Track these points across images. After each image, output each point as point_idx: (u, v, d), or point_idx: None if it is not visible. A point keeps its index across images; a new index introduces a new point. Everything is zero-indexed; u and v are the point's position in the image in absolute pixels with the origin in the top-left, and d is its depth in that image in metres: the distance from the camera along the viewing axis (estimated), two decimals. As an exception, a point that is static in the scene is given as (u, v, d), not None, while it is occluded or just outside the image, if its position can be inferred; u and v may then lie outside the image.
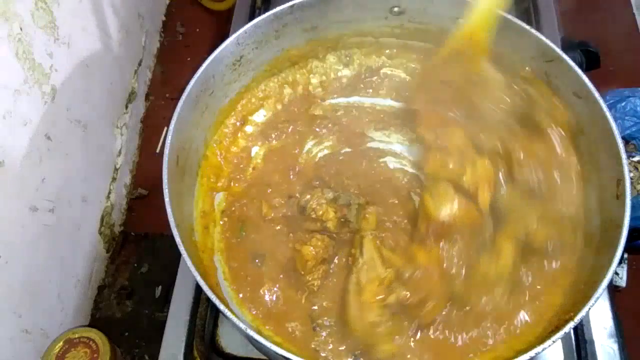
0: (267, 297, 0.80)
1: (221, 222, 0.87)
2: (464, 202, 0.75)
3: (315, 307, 0.79)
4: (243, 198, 0.89)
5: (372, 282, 0.74)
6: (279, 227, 0.86)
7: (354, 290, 0.75)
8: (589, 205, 0.81)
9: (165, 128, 1.15)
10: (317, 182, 0.87)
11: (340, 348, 0.76)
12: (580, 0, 1.26)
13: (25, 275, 0.80)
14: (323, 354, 0.75)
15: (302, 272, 0.79)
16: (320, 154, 0.94)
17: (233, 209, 0.88)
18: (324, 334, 0.77)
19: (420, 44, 0.96)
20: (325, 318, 0.78)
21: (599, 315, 0.84)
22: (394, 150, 0.94)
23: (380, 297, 0.73)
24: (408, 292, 0.73)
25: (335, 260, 0.82)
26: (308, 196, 0.83)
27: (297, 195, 0.86)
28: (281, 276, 0.81)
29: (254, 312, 0.80)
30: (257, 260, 0.83)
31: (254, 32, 0.86)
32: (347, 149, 0.94)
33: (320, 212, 0.81)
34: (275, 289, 0.81)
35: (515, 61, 0.84)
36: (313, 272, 0.79)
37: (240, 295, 0.81)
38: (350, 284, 0.76)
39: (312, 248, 0.79)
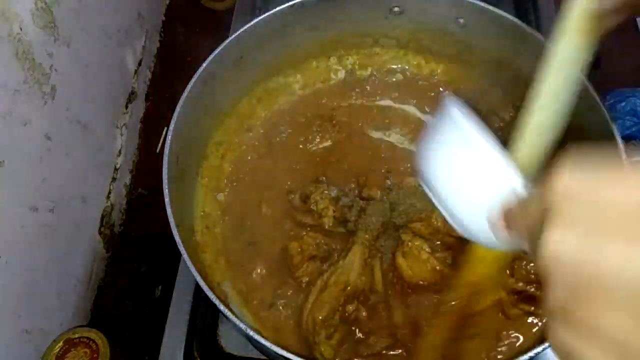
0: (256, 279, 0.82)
1: (221, 222, 0.88)
2: (438, 265, 0.75)
3: (280, 290, 0.80)
4: (244, 197, 0.89)
5: (338, 284, 0.75)
6: (277, 223, 0.86)
7: (319, 286, 0.76)
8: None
9: (165, 128, 1.15)
10: (323, 178, 0.88)
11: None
12: (580, 0, 1.26)
13: (25, 275, 0.80)
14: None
15: (291, 268, 0.80)
16: (320, 153, 0.94)
17: (234, 208, 0.89)
18: (282, 315, 0.79)
19: (420, 45, 0.96)
20: (284, 301, 0.79)
21: (599, 315, 0.84)
22: (394, 150, 0.94)
23: (339, 301, 0.73)
24: (365, 314, 0.74)
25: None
26: (312, 188, 0.83)
27: (298, 191, 0.86)
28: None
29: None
30: (250, 246, 0.84)
31: (254, 32, 0.86)
32: (348, 149, 0.94)
33: (322, 206, 0.81)
34: (263, 271, 0.82)
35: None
36: (300, 267, 0.79)
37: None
38: (319, 279, 0.77)
39: (297, 245, 0.80)
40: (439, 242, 0.80)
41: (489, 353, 0.75)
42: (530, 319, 0.76)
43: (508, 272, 0.77)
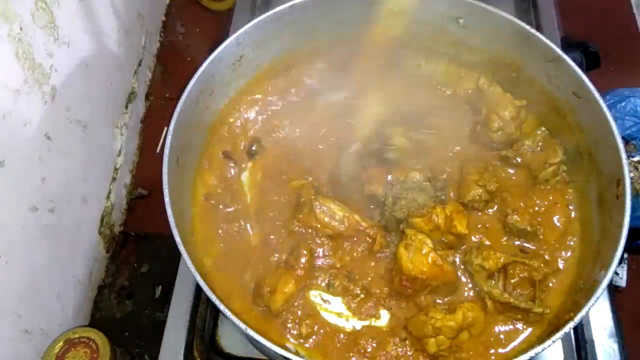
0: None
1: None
2: (438, 260, 0.75)
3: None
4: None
5: None
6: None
7: None
8: (590, 205, 0.81)
9: (165, 128, 1.15)
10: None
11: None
12: (580, 0, 1.26)
13: (25, 275, 0.81)
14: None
15: None
16: (321, 151, 0.94)
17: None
18: None
19: (419, 45, 0.96)
20: None
21: (599, 315, 0.84)
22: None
23: None
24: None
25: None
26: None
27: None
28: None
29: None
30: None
31: (254, 32, 0.86)
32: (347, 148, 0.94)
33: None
34: None
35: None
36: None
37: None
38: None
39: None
40: (438, 240, 0.80)
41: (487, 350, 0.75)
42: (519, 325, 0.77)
43: (501, 282, 0.78)
